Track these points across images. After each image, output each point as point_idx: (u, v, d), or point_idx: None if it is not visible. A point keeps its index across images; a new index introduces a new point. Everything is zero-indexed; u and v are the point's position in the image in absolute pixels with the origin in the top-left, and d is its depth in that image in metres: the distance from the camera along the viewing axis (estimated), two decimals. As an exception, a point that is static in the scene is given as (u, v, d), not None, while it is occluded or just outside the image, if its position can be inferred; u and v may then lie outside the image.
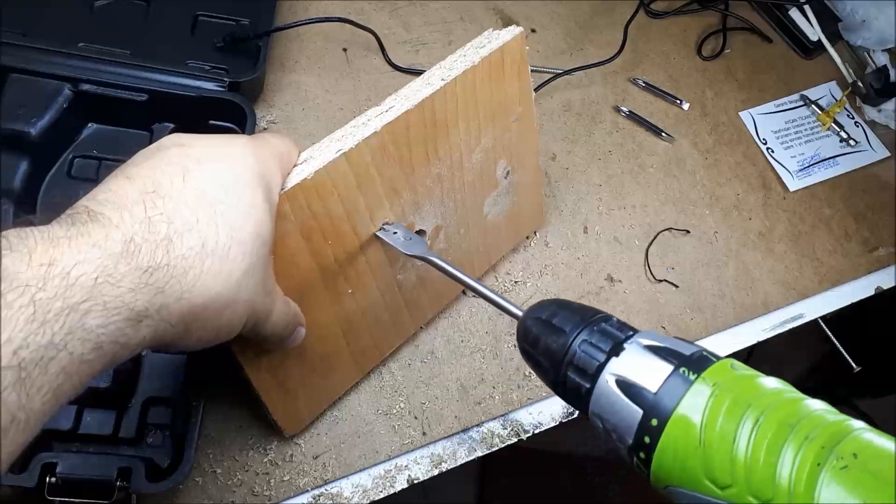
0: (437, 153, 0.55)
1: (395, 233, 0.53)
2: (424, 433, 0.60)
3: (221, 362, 0.51)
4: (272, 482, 0.57)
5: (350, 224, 0.51)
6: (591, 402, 0.36)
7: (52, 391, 0.31)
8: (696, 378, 0.33)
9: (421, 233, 0.57)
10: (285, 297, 0.46)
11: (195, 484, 0.56)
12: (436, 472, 0.60)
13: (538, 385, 0.64)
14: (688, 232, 0.75)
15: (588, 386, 0.36)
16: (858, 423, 0.31)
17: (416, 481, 0.59)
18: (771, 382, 0.33)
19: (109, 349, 0.33)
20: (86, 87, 0.62)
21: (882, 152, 0.84)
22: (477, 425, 0.62)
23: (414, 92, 0.51)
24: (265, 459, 0.57)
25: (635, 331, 0.38)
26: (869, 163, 0.83)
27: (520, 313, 0.43)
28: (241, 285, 0.39)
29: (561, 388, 0.39)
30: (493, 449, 0.61)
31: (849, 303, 0.75)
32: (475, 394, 0.63)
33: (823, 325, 0.74)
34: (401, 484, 0.59)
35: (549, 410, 0.63)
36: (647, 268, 0.72)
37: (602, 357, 0.36)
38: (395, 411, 0.61)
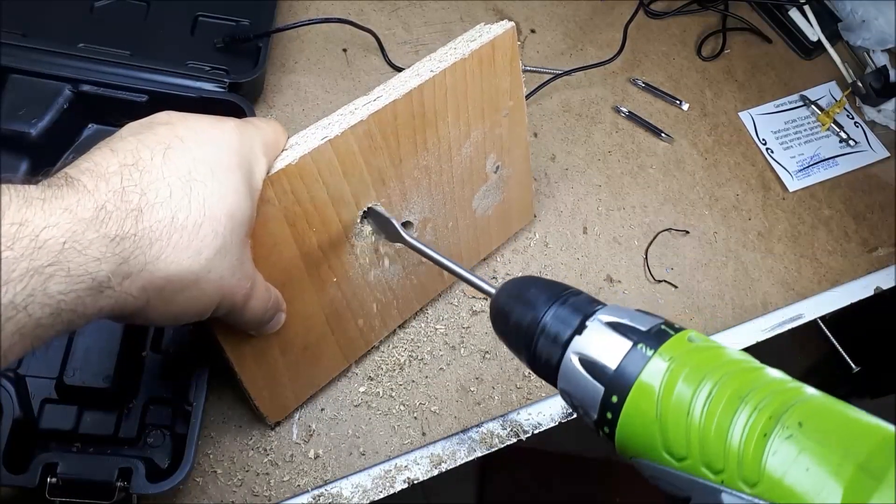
0: (426, 144, 0.55)
1: (371, 219, 0.54)
2: (424, 433, 0.61)
3: (222, 363, 0.52)
4: (272, 482, 0.57)
5: (335, 212, 0.51)
6: (558, 378, 0.38)
7: (3, 351, 0.32)
8: (654, 354, 0.34)
9: (408, 224, 0.58)
10: (266, 283, 0.46)
11: (195, 484, 0.56)
12: (435, 472, 0.60)
13: (538, 385, 0.64)
14: (687, 232, 0.75)
15: (555, 363, 0.38)
16: (811, 391, 0.32)
17: (415, 482, 0.59)
18: (732, 354, 0.34)
19: (66, 316, 0.34)
20: (86, 87, 0.62)
21: (882, 152, 0.84)
22: (476, 426, 0.62)
23: (402, 82, 0.52)
24: (265, 459, 0.57)
25: (603, 305, 0.39)
26: (868, 163, 0.83)
27: (493, 291, 0.44)
28: (211, 264, 0.39)
29: (532, 364, 0.40)
30: (493, 449, 0.61)
31: (848, 303, 0.75)
32: (474, 394, 0.63)
33: (823, 326, 0.74)
34: (400, 484, 0.59)
35: (549, 411, 0.63)
36: (646, 268, 0.72)
37: (567, 334, 0.37)
38: (394, 412, 0.61)
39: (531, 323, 0.39)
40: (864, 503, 0.27)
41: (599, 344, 0.36)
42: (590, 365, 0.36)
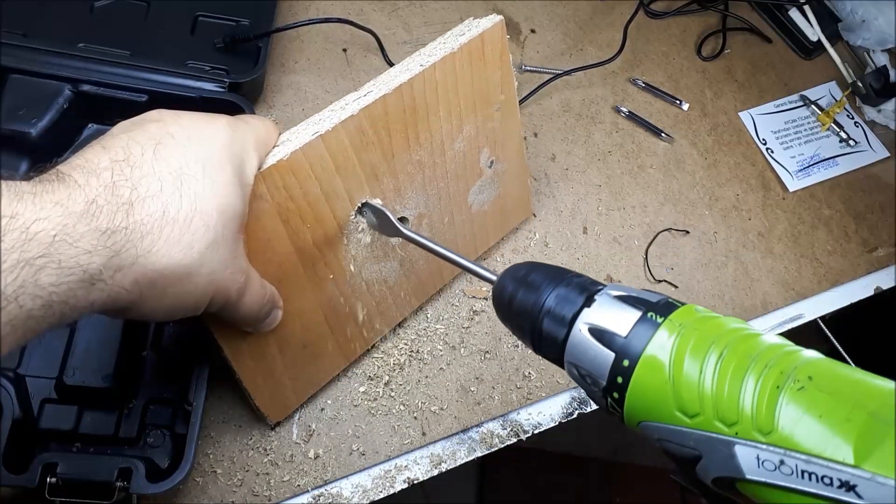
0: (418, 139, 0.55)
1: (367, 213, 0.54)
2: (424, 433, 0.61)
3: (221, 362, 0.52)
4: (272, 482, 0.57)
5: (329, 208, 0.51)
6: (566, 351, 0.38)
7: None
8: (663, 321, 0.36)
9: (403, 220, 0.57)
10: (261, 279, 0.47)
11: (195, 484, 0.56)
12: (435, 472, 0.60)
13: (538, 385, 0.64)
14: (687, 232, 0.75)
15: (563, 336, 0.38)
16: (812, 353, 0.34)
17: (415, 481, 0.59)
18: (731, 322, 0.36)
19: (58, 308, 0.34)
20: (86, 87, 0.62)
21: (882, 152, 0.84)
22: (476, 425, 0.62)
23: (392, 77, 0.52)
24: (265, 459, 0.57)
25: (605, 285, 0.40)
26: (868, 163, 0.83)
27: (494, 278, 0.44)
28: (203, 258, 0.39)
29: (537, 342, 0.40)
30: (493, 449, 0.61)
31: (848, 303, 0.75)
32: (475, 394, 0.63)
33: (823, 326, 0.74)
34: (400, 484, 0.59)
35: (549, 411, 0.64)
36: (646, 268, 0.72)
37: (575, 308, 0.38)
38: (394, 411, 0.61)
39: (536, 302, 0.40)
40: (876, 447, 0.28)
41: (609, 314, 0.37)
42: (599, 334, 0.37)
